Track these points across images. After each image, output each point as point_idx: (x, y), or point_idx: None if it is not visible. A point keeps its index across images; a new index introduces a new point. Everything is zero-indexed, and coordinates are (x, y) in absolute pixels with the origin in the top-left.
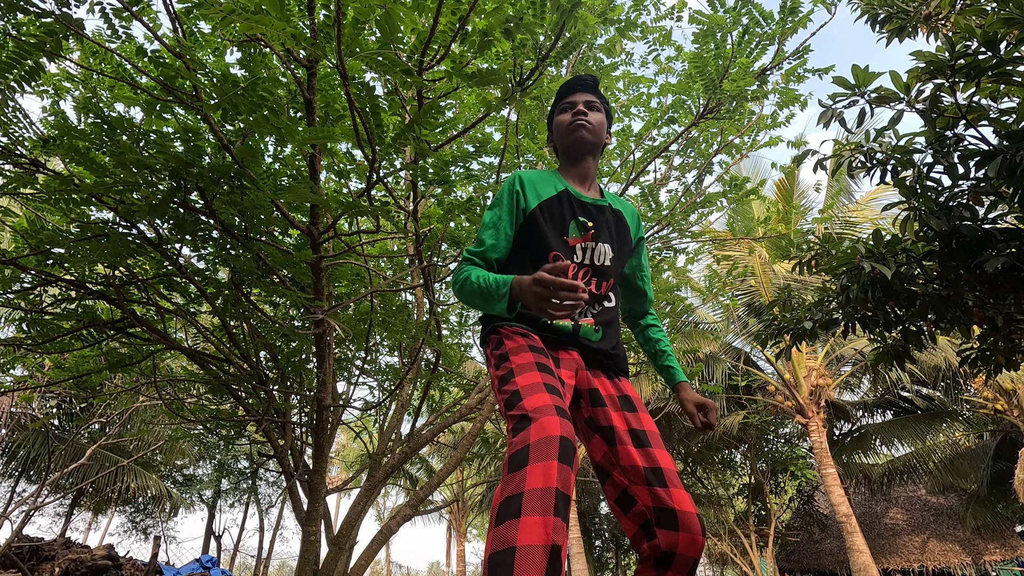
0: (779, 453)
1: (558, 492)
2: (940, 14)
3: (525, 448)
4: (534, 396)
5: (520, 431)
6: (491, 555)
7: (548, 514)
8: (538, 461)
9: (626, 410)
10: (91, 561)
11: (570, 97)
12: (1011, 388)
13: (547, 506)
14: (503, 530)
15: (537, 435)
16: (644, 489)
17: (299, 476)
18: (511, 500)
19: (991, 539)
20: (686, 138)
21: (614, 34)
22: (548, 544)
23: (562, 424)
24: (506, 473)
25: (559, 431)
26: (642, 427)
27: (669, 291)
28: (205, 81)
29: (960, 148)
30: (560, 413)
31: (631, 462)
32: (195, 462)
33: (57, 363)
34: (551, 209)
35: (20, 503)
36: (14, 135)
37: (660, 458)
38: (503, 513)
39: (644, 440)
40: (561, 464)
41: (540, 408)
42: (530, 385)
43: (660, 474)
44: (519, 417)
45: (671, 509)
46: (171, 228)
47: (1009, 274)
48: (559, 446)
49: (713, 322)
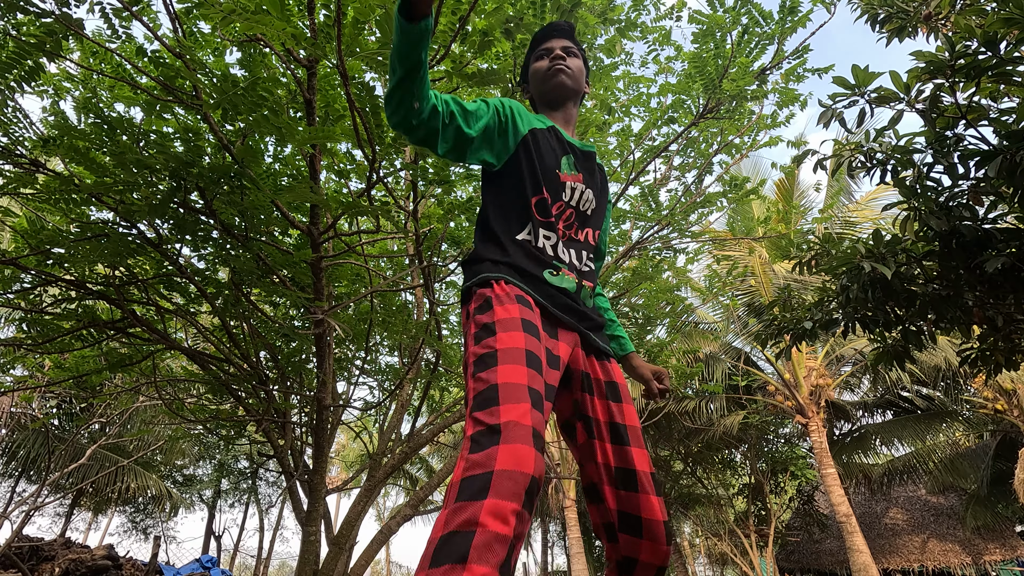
0: (779, 453)
1: (513, 542)
2: (940, 14)
3: (486, 476)
4: (514, 405)
5: (484, 448)
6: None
7: (498, 567)
8: (500, 498)
9: (611, 399)
10: (91, 561)
11: (546, 43)
12: (1011, 388)
13: (499, 555)
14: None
15: (505, 464)
16: (612, 491)
17: (299, 476)
18: (457, 539)
19: (991, 539)
20: (686, 138)
21: (614, 34)
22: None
23: (536, 459)
24: (454, 497)
25: (532, 468)
26: (624, 421)
27: (669, 291)
28: (205, 81)
29: (960, 148)
30: (536, 441)
31: (605, 460)
32: (195, 462)
33: (57, 363)
34: (545, 139)
35: (20, 503)
36: (14, 135)
37: (636, 459)
38: (443, 554)
39: (623, 437)
40: (523, 511)
41: (517, 427)
42: (513, 385)
43: (632, 477)
44: (487, 429)
45: (636, 516)
46: (171, 228)
47: (1009, 274)
48: (527, 489)
49: (713, 322)
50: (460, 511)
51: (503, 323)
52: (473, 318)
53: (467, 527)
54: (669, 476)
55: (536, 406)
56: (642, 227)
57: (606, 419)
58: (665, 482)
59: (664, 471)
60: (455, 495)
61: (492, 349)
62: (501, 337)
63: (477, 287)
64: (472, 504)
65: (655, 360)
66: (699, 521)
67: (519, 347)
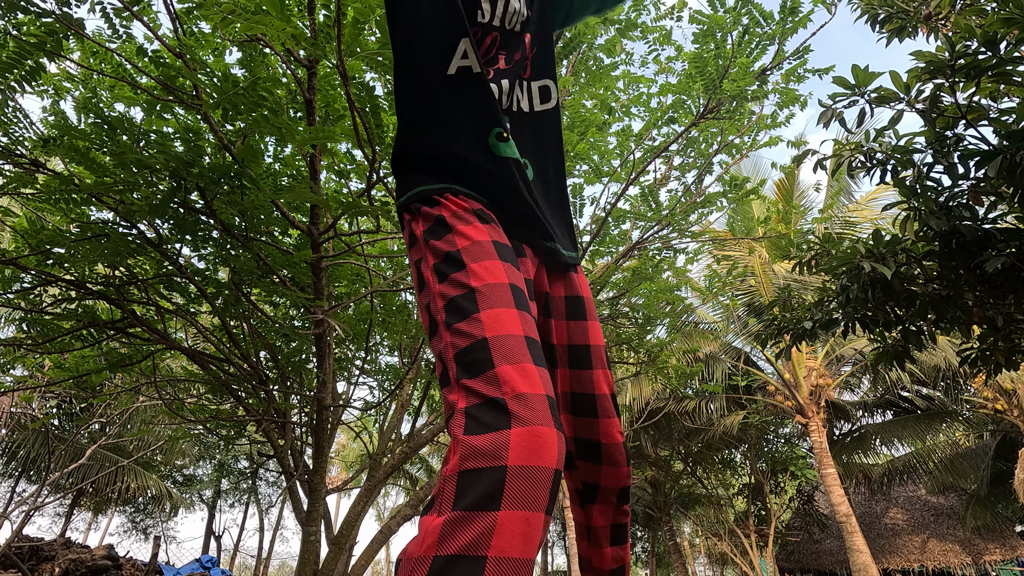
0: (779, 453)
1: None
2: (940, 14)
3: (498, 476)
4: (518, 367)
5: (489, 429)
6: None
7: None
8: (521, 508)
9: (571, 319)
10: (91, 561)
11: None
12: (1011, 388)
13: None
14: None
15: (523, 457)
16: (568, 418)
17: (299, 476)
18: (461, 569)
19: (991, 539)
20: (686, 138)
21: (614, 34)
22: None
23: (560, 444)
24: (451, 500)
25: (555, 459)
26: (586, 341)
27: (669, 291)
28: (205, 81)
29: (960, 148)
30: (556, 416)
31: (564, 387)
32: (195, 462)
33: (57, 363)
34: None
35: (20, 503)
36: (14, 135)
37: (595, 381)
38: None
39: (583, 359)
40: (546, 518)
41: (530, 400)
42: (509, 339)
43: (590, 402)
44: (488, 402)
45: (595, 442)
46: (171, 228)
47: (1009, 274)
48: (549, 489)
49: (713, 322)
50: (463, 526)
51: (471, 251)
52: (427, 246)
53: (475, 551)
54: (669, 476)
55: (540, 361)
56: (642, 227)
57: (565, 342)
58: (665, 482)
59: (664, 471)
60: (452, 496)
61: (468, 288)
62: (475, 270)
63: (420, 202)
64: (480, 517)
65: (655, 360)
66: (699, 521)
67: (502, 282)
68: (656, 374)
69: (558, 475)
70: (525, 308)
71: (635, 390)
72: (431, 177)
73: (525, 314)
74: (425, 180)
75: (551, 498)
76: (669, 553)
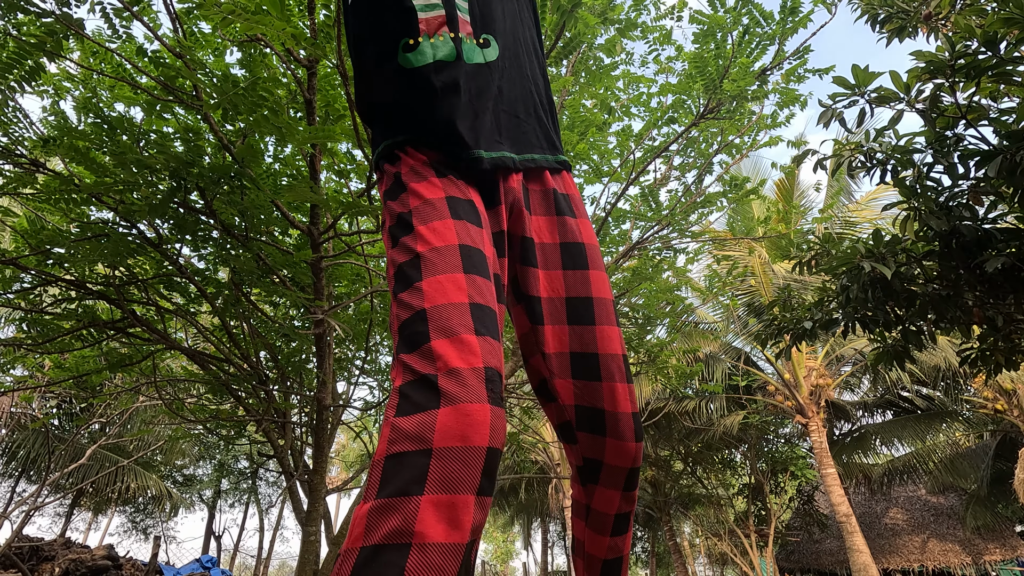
0: (779, 453)
1: (469, 546)
2: (940, 14)
3: (423, 458)
4: (453, 340)
5: (417, 409)
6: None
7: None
8: (445, 492)
9: (569, 268)
10: (91, 561)
11: None
12: (1011, 388)
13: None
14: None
15: (449, 438)
16: (566, 383)
17: (299, 476)
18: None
19: (991, 539)
20: (686, 138)
21: (614, 34)
22: None
23: (493, 421)
24: (376, 487)
25: (487, 438)
26: (588, 293)
27: (669, 291)
28: (205, 81)
29: (960, 148)
30: (492, 390)
31: (558, 347)
32: (195, 462)
33: (57, 363)
34: None
35: (20, 503)
36: (14, 135)
37: (600, 339)
38: None
39: (585, 313)
40: (480, 499)
41: (462, 375)
42: (449, 307)
43: (593, 363)
44: (420, 380)
45: (598, 409)
46: (171, 228)
47: (1009, 274)
48: (484, 469)
49: (713, 322)
50: (387, 513)
51: (421, 211)
52: (386, 207)
53: (399, 539)
54: (669, 476)
55: (487, 330)
56: (642, 227)
57: (561, 295)
58: (665, 482)
59: (664, 471)
60: (377, 483)
61: (413, 254)
62: (422, 233)
63: (385, 160)
64: (404, 502)
65: (655, 360)
66: (699, 521)
67: (451, 244)
68: (656, 374)
69: (492, 453)
70: (478, 270)
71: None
72: (389, 129)
73: (475, 277)
74: (385, 133)
75: (485, 477)
76: (669, 553)
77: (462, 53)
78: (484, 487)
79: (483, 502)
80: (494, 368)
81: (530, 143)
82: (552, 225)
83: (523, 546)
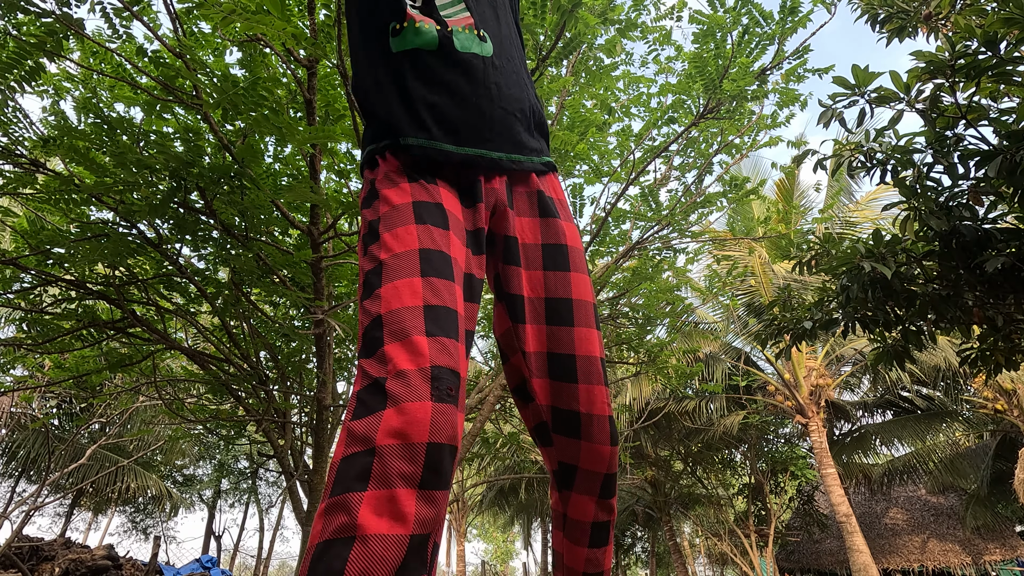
0: (779, 453)
1: (418, 539)
2: (940, 14)
3: (367, 457)
4: (403, 343)
5: (368, 412)
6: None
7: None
8: (386, 487)
9: (551, 268)
10: (91, 561)
11: None
12: (1011, 388)
13: (389, 564)
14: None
15: (390, 436)
16: (543, 383)
17: (299, 476)
18: (333, 551)
19: (991, 539)
20: (686, 138)
21: (614, 34)
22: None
23: (436, 417)
24: (331, 489)
25: (427, 434)
26: (568, 294)
27: (669, 291)
28: (205, 81)
29: (960, 148)
30: (437, 387)
31: (537, 347)
32: (195, 462)
33: (57, 363)
34: None
35: (20, 503)
36: (14, 135)
37: (578, 341)
38: (318, 573)
39: (563, 314)
40: (431, 493)
41: (407, 377)
42: (403, 312)
43: (569, 363)
44: (373, 384)
45: (574, 412)
46: (171, 228)
47: (1009, 274)
48: (427, 463)
49: (713, 322)
50: (335, 511)
51: (388, 218)
52: (362, 216)
53: (345, 533)
54: (669, 476)
55: (440, 330)
56: (642, 227)
57: (541, 295)
58: (665, 482)
59: (664, 471)
60: (331, 484)
61: (377, 262)
62: (386, 241)
63: (365, 167)
64: (348, 499)
65: (655, 360)
66: (699, 521)
67: (411, 249)
68: (656, 374)
69: (434, 448)
70: (438, 272)
71: (635, 390)
72: (375, 134)
73: (433, 280)
74: (370, 138)
75: (428, 471)
76: (669, 553)
77: (454, 43)
78: (428, 481)
79: (430, 496)
80: (444, 366)
81: (520, 143)
82: (536, 226)
83: (523, 546)
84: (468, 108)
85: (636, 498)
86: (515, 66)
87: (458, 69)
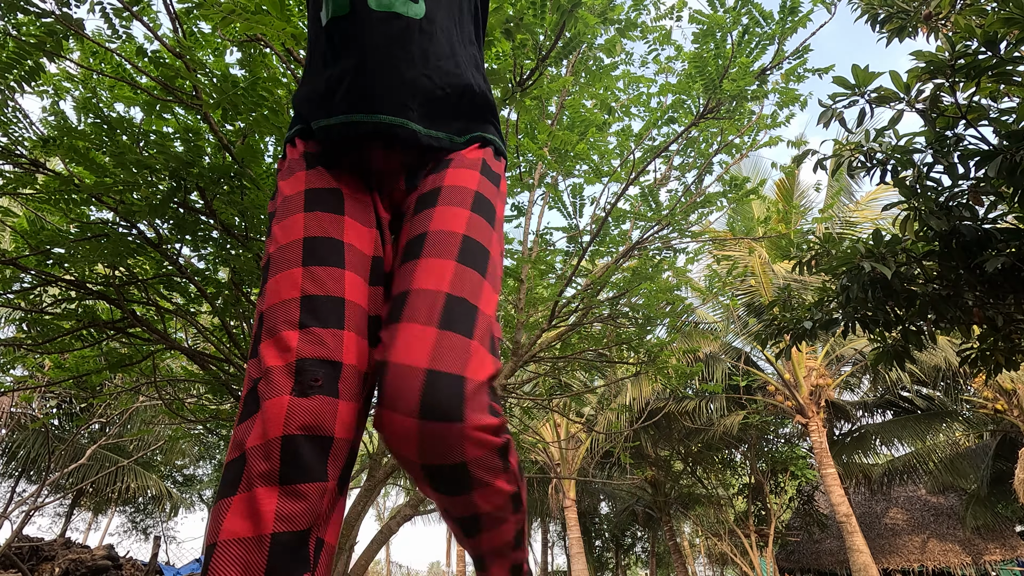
0: (779, 453)
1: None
2: (940, 14)
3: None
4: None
5: (246, 416)
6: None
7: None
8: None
9: (416, 213)
10: (91, 561)
11: None
12: (1011, 388)
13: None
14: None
15: (256, 436)
16: (363, 342)
17: None
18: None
19: (991, 539)
20: (686, 138)
21: (614, 34)
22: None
23: (290, 409)
24: (217, 493)
25: (280, 427)
26: (424, 229)
27: (669, 291)
28: (205, 81)
29: (960, 148)
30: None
31: (378, 308)
32: (195, 462)
33: (57, 363)
34: None
35: (20, 503)
36: (14, 135)
37: (417, 273)
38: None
39: (413, 248)
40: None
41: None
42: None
43: (399, 302)
44: (253, 388)
45: (381, 361)
46: (171, 228)
47: (1009, 274)
48: (281, 458)
49: (713, 322)
50: (215, 515)
51: (280, 210)
52: None
53: (213, 538)
54: (669, 476)
55: (316, 320)
56: (642, 227)
57: (403, 243)
58: (665, 482)
59: (664, 471)
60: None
61: (267, 257)
62: (274, 234)
63: (280, 160)
64: (220, 506)
65: (655, 360)
66: (699, 521)
67: (295, 239)
68: (656, 374)
69: (289, 440)
70: (321, 260)
71: (635, 390)
72: (290, 124)
73: (315, 269)
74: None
75: (287, 465)
76: (669, 553)
77: (367, 2)
78: (288, 475)
79: (294, 490)
80: (313, 358)
81: (441, 118)
82: (424, 187)
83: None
84: (380, 74)
85: (636, 498)
86: (450, 36)
87: (372, 31)
